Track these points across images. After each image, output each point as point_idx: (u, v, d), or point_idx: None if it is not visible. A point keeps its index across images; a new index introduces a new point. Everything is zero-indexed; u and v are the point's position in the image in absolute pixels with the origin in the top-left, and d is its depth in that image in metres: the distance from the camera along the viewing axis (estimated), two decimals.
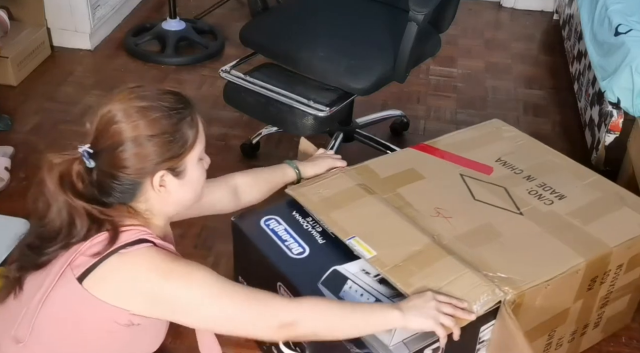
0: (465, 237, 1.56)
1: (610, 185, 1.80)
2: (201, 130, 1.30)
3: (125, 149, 1.20)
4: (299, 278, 1.47)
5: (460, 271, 1.45)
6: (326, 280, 1.46)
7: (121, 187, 1.23)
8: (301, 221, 1.62)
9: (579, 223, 1.63)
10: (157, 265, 1.22)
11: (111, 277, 1.21)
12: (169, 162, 1.24)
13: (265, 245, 1.57)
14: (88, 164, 1.21)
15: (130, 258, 1.21)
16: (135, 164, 1.21)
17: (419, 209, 1.64)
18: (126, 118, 1.20)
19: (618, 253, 1.59)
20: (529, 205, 1.68)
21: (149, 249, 1.23)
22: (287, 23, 2.21)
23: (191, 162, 1.28)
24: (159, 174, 1.23)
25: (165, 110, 1.23)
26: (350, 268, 1.49)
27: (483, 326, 1.44)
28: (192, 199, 1.34)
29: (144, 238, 1.23)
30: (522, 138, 1.97)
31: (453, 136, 1.97)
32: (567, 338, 1.68)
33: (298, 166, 1.71)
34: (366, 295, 1.42)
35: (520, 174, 1.80)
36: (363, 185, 1.70)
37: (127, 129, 1.20)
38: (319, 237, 1.58)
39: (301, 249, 1.55)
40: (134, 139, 1.20)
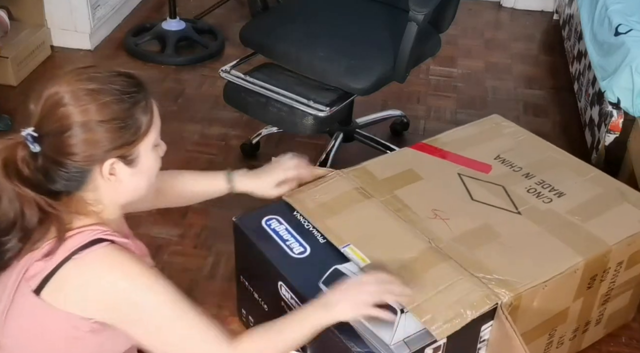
0: (463, 238, 1.56)
1: (610, 181, 1.79)
2: (156, 115, 1.22)
3: (73, 134, 1.12)
4: (299, 278, 1.47)
5: (454, 278, 1.45)
6: (327, 279, 1.46)
7: (67, 175, 1.15)
8: (302, 221, 1.62)
9: (578, 221, 1.63)
10: (115, 265, 1.16)
11: (67, 285, 1.15)
12: (120, 149, 1.16)
13: (266, 245, 1.57)
14: (32, 149, 1.14)
15: (85, 262, 1.14)
16: (84, 151, 1.13)
17: (417, 211, 1.63)
18: (75, 101, 1.12)
19: (618, 251, 1.59)
20: (528, 204, 1.68)
21: (105, 249, 1.16)
22: (287, 23, 2.21)
23: (145, 149, 1.20)
24: (108, 161, 1.16)
25: (117, 94, 1.15)
26: (351, 267, 1.49)
27: (484, 326, 1.44)
28: (145, 188, 1.26)
29: (99, 238, 1.16)
30: (522, 134, 1.96)
31: (452, 133, 1.96)
32: (569, 337, 1.68)
33: (234, 179, 1.57)
34: None
35: (519, 171, 1.80)
36: (360, 189, 1.69)
37: (76, 113, 1.12)
38: (320, 236, 1.58)
39: (302, 249, 1.55)
40: (83, 124, 1.12)
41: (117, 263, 1.16)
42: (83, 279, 1.15)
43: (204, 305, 1.85)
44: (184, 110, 2.70)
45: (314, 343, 1.45)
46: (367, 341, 1.33)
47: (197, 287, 1.94)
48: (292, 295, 1.47)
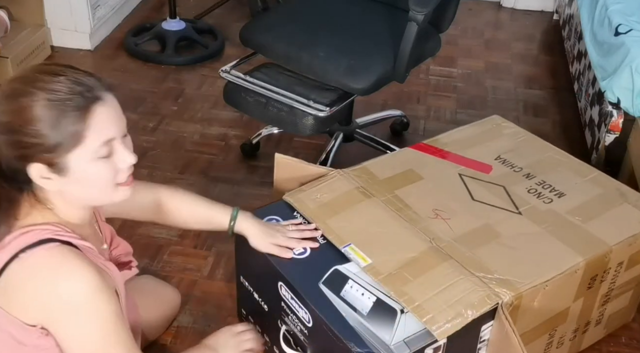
0: (463, 238, 1.56)
1: (610, 182, 1.79)
2: (101, 123, 1.13)
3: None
4: (299, 279, 1.47)
5: (455, 277, 1.45)
6: (327, 279, 1.46)
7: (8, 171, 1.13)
8: (303, 222, 1.62)
9: (578, 221, 1.63)
10: (58, 266, 1.12)
11: (10, 284, 1.13)
12: (41, 156, 1.11)
13: None
14: None
15: (28, 262, 1.12)
16: (6, 152, 1.12)
17: (418, 211, 1.63)
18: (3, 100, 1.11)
19: (618, 251, 1.59)
20: (528, 204, 1.68)
21: (52, 249, 1.13)
22: (287, 23, 2.21)
23: (77, 159, 1.13)
24: (34, 164, 1.12)
25: (51, 99, 1.09)
26: (351, 268, 1.49)
27: (484, 325, 1.44)
28: (96, 197, 1.21)
29: (48, 238, 1.14)
30: (522, 134, 1.97)
31: (452, 134, 1.96)
32: (569, 337, 1.68)
33: (238, 219, 1.54)
34: (367, 294, 1.43)
35: (520, 171, 1.80)
36: (361, 188, 1.69)
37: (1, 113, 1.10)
38: (321, 237, 1.58)
39: (302, 249, 1.55)
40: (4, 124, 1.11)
41: (61, 264, 1.13)
42: (24, 278, 1.13)
43: (204, 306, 1.87)
44: (184, 110, 2.70)
45: (314, 344, 1.46)
46: (367, 341, 1.33)
47: (197, 287, 1.94)
48: (292, 296, 1.47)
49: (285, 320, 1.53)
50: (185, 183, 2.31)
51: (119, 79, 2.89)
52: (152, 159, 2.42)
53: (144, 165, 2.39)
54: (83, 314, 1.16)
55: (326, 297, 1.43)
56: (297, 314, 1.48)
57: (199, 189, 2.27)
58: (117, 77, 2.91)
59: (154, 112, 2.67)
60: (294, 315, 1.49)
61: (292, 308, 1.48)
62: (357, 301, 1.41)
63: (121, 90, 2.82)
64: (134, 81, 2.88)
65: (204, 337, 1.62)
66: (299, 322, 1.48)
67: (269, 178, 1.90)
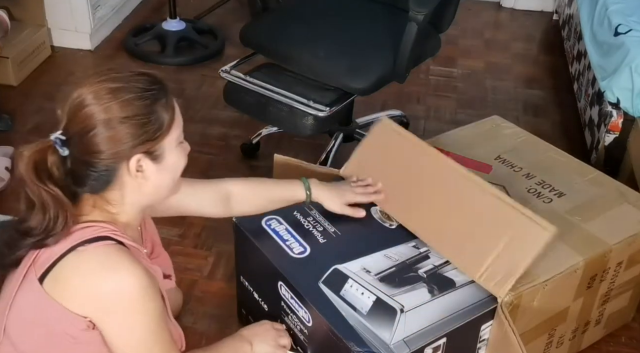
0: None
1: (610, 182, 1.80)
2: (177, 113, 1.25)
3: (97, 132, 1.15)
4: (299, 278, 1.48)
5: None
6: (327, 279, 1.47)
7: (96, 174, 1.17)
8: (302, 221, 1.63)
9: (578, 221, 1.64)
10: (111, 264, 1.16)
11: (64, 276, 1.17)
12: (145, 144, 1.18)
13: (266, 245, 1.57)
14: (61, 152, 1.16)
15: (84, 255, 1.16)
16: (110, 148, 1.16)
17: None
18: (96, 100, 1.15)
19: (618, 251, 1.59)
20: (528, 203, 1.67)
21: (108, 247, 1.18)
22: (287, 23, 2.21)
23: (169, 145, 1.22)
24: (135, 157, 1.18)
25: (138, 92, 1.17)
26: (351, 267, 1.49)
27: (484, 325, 1.44)
28: (169, 187, 1.28)
29: (106, 235, 1.18)
30: (522, 135, 1.97)
31: (452, 134, 1.97)
32: (569, 336, 1.68)
33: (311, 186, 1.61)
34: (367, 294, 1.43)
35: (520, 171, 1.80)
36: None
37: (98, 112, 1.15)
38: (320, 236, 1.58)
39: (302, 249, 1.55)
40: (106, 121, 1.15)
41: (115, 262, 1.17)
42: (78, 271, 1.17)
43: (205, 305, 1.87)
44: (184, 110, 2.65)
45: (314, 343, 1.46)
46: (367, 341, 1.33)
47: (197, 287, 1.94)
48: (292, 295, 1.48)
49: (285, 319, 1.54)
50: None
51: None
52: None
53: None
54: (131, 309, 1.19)
55: (326, 296, 1.43)
56: (297, 314, 1.48)
57: None
58: None
59: None
60: (293, 315, 1.49)
61: (292, 308, 1.49)
62: (357, 300, 1.42)
63: None
64: None
65: (204, 336, 1.62)
66: (298, 322, 1.48)
67: None
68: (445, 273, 1.50)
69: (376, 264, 1.51)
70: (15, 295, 1.20)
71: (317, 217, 1.63)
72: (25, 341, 1.23)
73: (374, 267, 1.50)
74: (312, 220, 1.63)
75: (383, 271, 1.49)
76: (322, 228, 1.61)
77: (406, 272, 1.49)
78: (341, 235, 1.59)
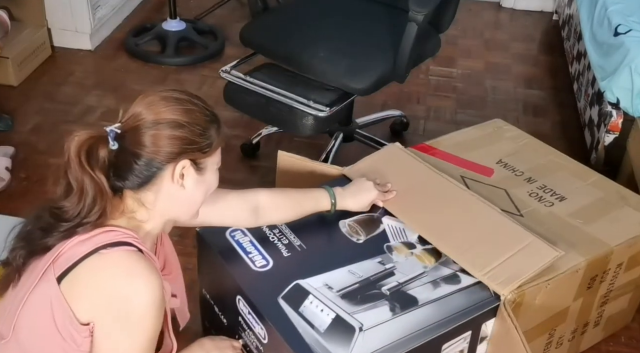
0: None
1: (611, 185, 1.80)
2: (223, 142, 1.29)
3: (159, 128, 1.18)
4: (258, 293, 1.42)
5: None
6: (287, 294, 1.42)
7: (139, 168, 1.19)
8: (268, 233, 1.58)
9: (579, 224, 1.64)
10: (130, 270, 1.17)
11: (82, 277, 1.17)
12: (195, 154, 1.22)
13: (227, 257, 1.52)
14: (111, 145, 1.18)
15: (106, 259, 1.17)
16: (164, 146, 1.18)
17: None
18: (164, 102, 1.20)
19: (619, 252, 1.59)
20: (529, 207, 1.69)
21: (130, 253, 1.18)
22: (287, 23, 2.21)
23: (211, 164, 1.28)
24: (183, 162, 1.21)
25: (201, 108, 1.24)
26: (313, 283, 1.44)
27: (445, 344, 1.41)
28: (199, 202, 1.31)
29: (126, 241, 1.19)
30: (524, 138, 1.97)
31: (454, 136, 1.97)
32: (568, 337, 1.69)
33: (336, 195, 1.60)
34: (326, 311, 1.38)
35: (521, 175, 1.80)
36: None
37: (165, 111, 1.19)
38: (285, 249, 1.54)
39: (265, 262, 1.50)
40: (170, 121, 1.19)
41: (134, 269, 1.18)
42: (97, 273, 1.17)
43: None
44: None
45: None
46: None
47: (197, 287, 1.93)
48: (249, 310, 1.43)
49: (243, 335, 1.49)
50: None
51: (119, 79, 2.89)
52: None
53: None
54: (135, 319, 1.18)
55: (284, 312, 1.38)
56: (253, 330, 1.43)
57: None
58: (118, 77, 2.91)
59: None
60: (250, 331, 1.45)
61: (249, 324, 1.44)
62: (316, 317, 1.37)
63: (122, 90, 2.83)
64: (135, 81, 2.88)
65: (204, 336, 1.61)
66: (255, 339, 1.44)
67: (269, 178, 1.91)
68: (409, 291, 1.45)
69: (339, 280, 1.46)
70: (31, 292, 1.20)
71: (284, 229, 1.59)
72: (31, 340, 1.22)
73: (336, 283, 1.45)
74: (278, 232, 1.58)
75: (345, 287, 1.44)
76: (288, 242, 1.56)
77: (369, 289, 1.44)
78: (307, 249, 1.54)
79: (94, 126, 1.21)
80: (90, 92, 2.80)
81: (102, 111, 2.69)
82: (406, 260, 1.52)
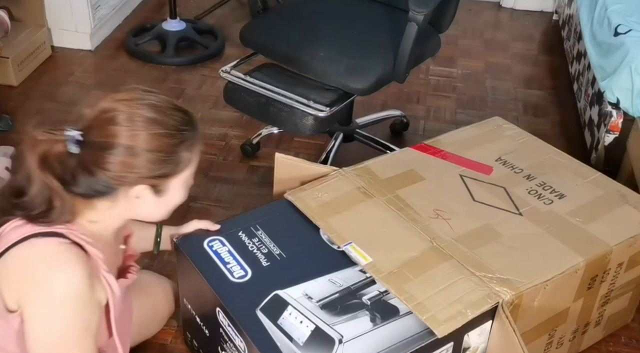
0: (464, 238, 1.57)
1: (611, 183, 1.80)
2: (197, 154, 1.26)
3: (116, 153, 1.15)
4: (236, 304, 1.40)
5: (455, 277, 1.45)
6: (265, 305, 1.39)
7: (94, 185, 1.17)
8: (247, 242, 1.55)
9: (578, 222, 1.64)
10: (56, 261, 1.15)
11: (9, 264, 1.17)
12: (154, 179, 1.20)
13: (205, 268, 1.49)
14: (71, 150, 1.16)
15: (33, 247, 1.17)
16: (120, 171, 1.16)
17: (419, 211, 1.64)
18: (128, 123, 1.16)
19: (618, 252, 1.59)
20: (529, 205, 1.69)
21: (58, 244, 1.17)
22: (287, 23, 2.21)
23: (175, 184, 1.25)
24: (139, 187, 1.20)
25: (170, 129, 1.19)
26: (292, 293, 1.42)
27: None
28: (159, 217, 1.30)
29: (61, 233, 1.18)
30: (523, 136, 1.97)
31: (453, 135, 1.97)
32: (569, 337, 1.69)
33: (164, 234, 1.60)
34: (306, 322, 1.36)
35: (520, 173, 1.80)
36: (362, 189, 1.69)
37: (125, 135, 1.15)
38: (264, 259, 1.51)
39: (243, 272, 1.47)
40: (129, 147, 1.15)
41: (58, 260, 1.16)
42: (22, 260, 1.17)
43: None
44: None
45: None
46: None
47: None
48: (229, 322, 1.41)
49: (225, 347, 1.47)
50: None
51: (119, 79, 2.89)
52: None
53: None
54: (56, 308, 1.17)
55: (262, 325, 1.36)
56: (234, 342, 1.41)
57: (199, 189, 2.28)
58: (118, 77, 2.91)
59: None
60: (231, 343, 1.43)
61: (230, 336, 1.42)
62: (295, 329, 1.35)
63: None
64: (135, 81, 2.88)
65: None
66: (236, 351, 1.42)
67: (269, 178, 1.90)
68: (390, 300, 1.42)
69: (319, 290, 1.43)
70: None
71: (263, 238, 1.56)
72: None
73: (316, 293, 1.42)
74: (258, 241, 1.55)
75: (325, 297, 1.41)
76: (267, 251, 1.53)
77: (349, 298, 1.42)
78: (286, 257, 1.51)
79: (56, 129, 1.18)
80: (90, 92, 2.80)
81: None
82: None
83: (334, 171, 1.75)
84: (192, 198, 2.25)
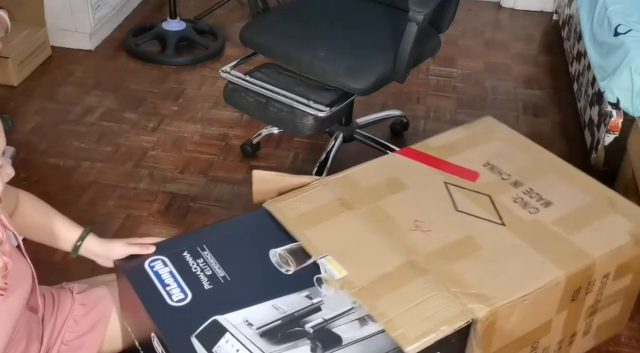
0: (442, 251, 1.51)
1: (600, 188, 1.74)
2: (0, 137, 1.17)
3: None
4: (171, 330, 1.32)
5: (429, 293, 1.39)
6: (202, 332, 1.31)
7: None
8: (191, 263, 1.47)
9: (563, 232, 1.58)
10: None
11: None
12: None
13: (143, 290, 1.40)
14: None
15: None
16: None
17: (399, 223, 1.58)
18: None
19: (602, 263, 1.53)
20: (513, 215, 1.63)
21: None
22: (287, 23, 2.21)
23: None
24: None
25: None
26: (232, 319, 1.34)
27: None
28: None
29: None
30: (513, 137, 1.92)
31: (442, 138, 1.91)
32: (554, 348, 1.63)
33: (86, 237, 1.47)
34: (243, 350, 1.29)
35: (508, 179, 1.75)
36: (342, 200, 1.64)
37: None
38: (207, 281, 1.43)
39: (183, 295, 1.39)
40: None
41: None
42: None
43: None
44: (184, 110, 2.70)
45: None
46: None
47: None
48: (162, 349, 1.33)
49: None
50: (185, 183, 2.31)
51: (119, 79, 2.89)
52: (152, 159, 2.43)
53: (144, 165, 2.39)
54: None
55: (196, 352, 1.28)
56: None
57: (199, 189, 2.28)
58: (118, 77, 2.91)
59: (154, 112, 2.68)
60: None
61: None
62: None
63: (121, 90, 2.83)
64: (134, 81, 2.88)
65: None
66: None
67: None
68: (334, 328, 1.35)
69: (261, 316, 1.35)
70: None
71: (209, 259, 1.48)
72: None
73: (257, 319, 1.34)
74: (202, 262, 1.47)
75: (266, 324, 1.34)
76: (211, 272, 1.45)
77: (292, 326, 1.34)
78: (230, 280, 1.43)
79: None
80: (90, 92, 2.81)
81: (102, 111, 2.69)
82: (336, 294, 1.41)
83: (315, 181, 1.69)
84: (192, 198, 2.25)
